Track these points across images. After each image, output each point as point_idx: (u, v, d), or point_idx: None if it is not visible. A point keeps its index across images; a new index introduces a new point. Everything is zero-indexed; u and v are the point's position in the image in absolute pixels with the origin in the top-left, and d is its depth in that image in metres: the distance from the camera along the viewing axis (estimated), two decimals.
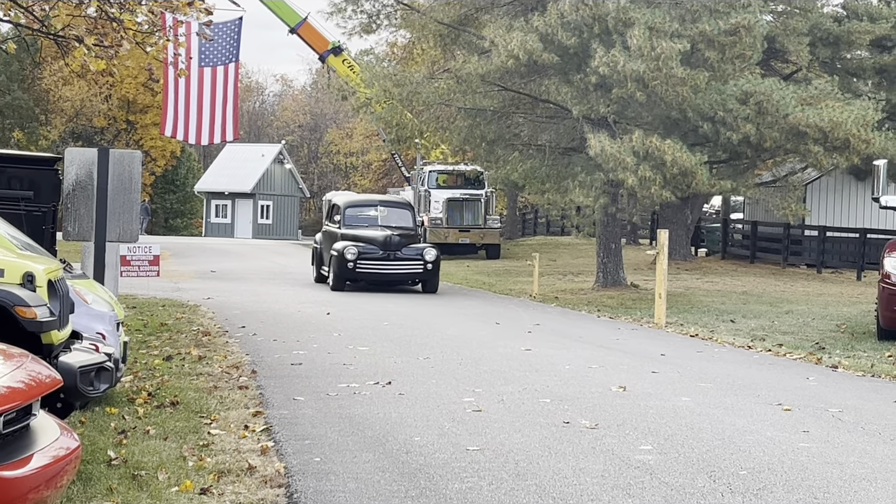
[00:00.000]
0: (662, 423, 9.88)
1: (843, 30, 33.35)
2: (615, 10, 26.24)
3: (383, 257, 22.80)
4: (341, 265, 22.69)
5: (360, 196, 24.91)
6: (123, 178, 15.43)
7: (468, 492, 7.26)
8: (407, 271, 22.96)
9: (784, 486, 7.50)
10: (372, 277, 23.18)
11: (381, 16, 32.57)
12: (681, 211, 35.79)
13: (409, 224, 25.13)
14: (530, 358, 14.58)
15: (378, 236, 23.21)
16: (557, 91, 28.07)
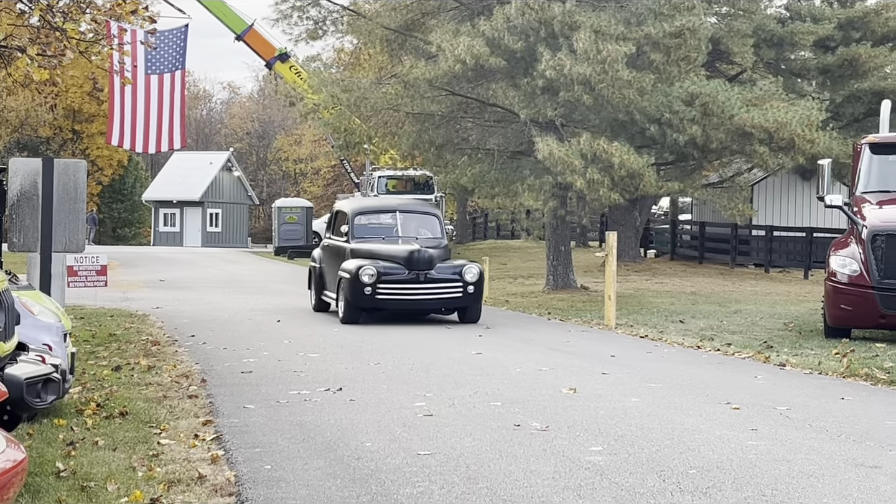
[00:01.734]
0: (612, 423, 9.97)
1: (786, 31, 33.66)
2: (561, 14, 26.32)
3: (410, 279, 17.79)
4: (355, 290, 17.62)
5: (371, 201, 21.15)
6: (69, 187, 15.50)
7: (419, 496, 7.32)
8: (442, 296, 18.05)
9: (733, 484, 7.60)
10: (396, 305, 18.16)
11: (328, 22, 32.66)
12: (629, 213, 35.98)
13: (437, 234, 19.84)
14: (481, 361, 14.71)
15: (401, 251, 18.19)
16: (505, 95, 28.09)
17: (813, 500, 7.18)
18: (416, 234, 19.08)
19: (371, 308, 17.97)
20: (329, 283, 19.85)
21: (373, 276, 17.25)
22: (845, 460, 8.43)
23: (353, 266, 17.77)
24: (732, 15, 32.32)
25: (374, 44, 33.93)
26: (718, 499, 7.25)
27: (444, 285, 17.77)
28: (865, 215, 17.26)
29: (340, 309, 18.29)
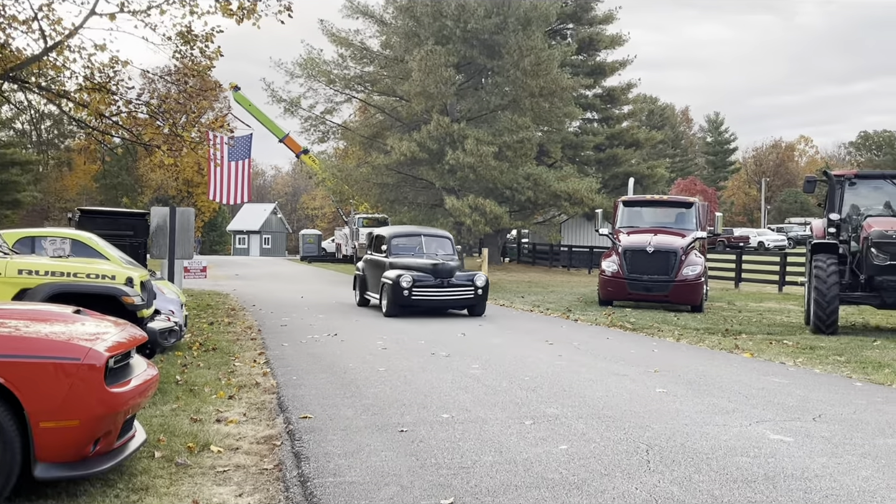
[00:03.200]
0: (485, 352, 10.37)
1: (579, 140, 38.96)
2: (457, 130, 30.71)
3: (437, 284, 15.85)
4: (397, 293, 15.59)
5: (404, 228, 19.08)
6: (184, 223, 16.48)
7: (379, 393, 7.59)
8: (459, 297, 16.07)
9: (548, 384, 7.98)
10: (427, 304, 15.86)
11: (330, 133, 35.96)
12: (495, 237, 37.18)
13: (451, 252, 17.54)
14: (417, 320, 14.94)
15: (429, 264, 16.24)
16: (427, 173, 32.11)
17: (590, 392, 7.52)
18: (437, 252, 17.12)
19: (407, 306, 15.77)
20: (371, 286, 17.65)
21: (410, 283, 15.56)
22: (609, 372, 8.91)
23: (394, 275, 15.76)
24: (550, 131, 36.35)
25: (355, 145, 37.46)
26: (540, 391, 7.61)
27: (461, 289, 15.95)
28: (621, 240, 18.19)
29: (384, 306, 15.97)
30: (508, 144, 31.48)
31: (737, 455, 5.55)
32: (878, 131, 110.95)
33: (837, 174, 14.87)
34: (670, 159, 72.09)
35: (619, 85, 42.42)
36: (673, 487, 4.81)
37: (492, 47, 31.89)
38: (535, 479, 4.95)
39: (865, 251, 13.19)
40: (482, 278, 16.40)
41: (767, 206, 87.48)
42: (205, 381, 8.12)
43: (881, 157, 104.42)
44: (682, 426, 6.44)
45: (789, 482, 4.94)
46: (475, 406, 7.13)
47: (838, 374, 9.35)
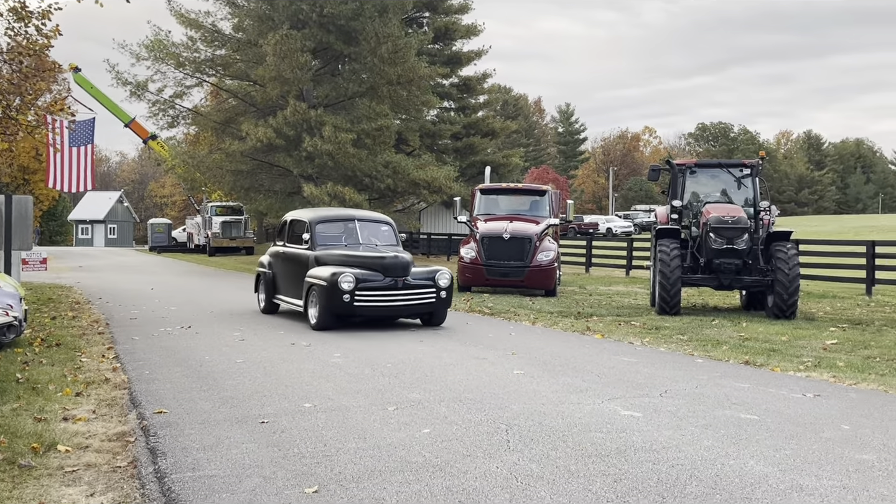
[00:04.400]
0: (345, 341, 10.24)
1: (437, 128, 39.27)
2: (315, 116, 30.46)
3: (388, 285, 11.96)
4: (333, 298, 11.68)
5: (330, 211, 14.84)
6: (21, 212, 15.85)
7: (238, 385, 7.44)
8: (417, 302, 12.19)
9: (410, 370, 8.07)
10: (375, 312, 11.99)
11: (179, 118, 34.75)
12: None
13: (394, 242, 13.54)
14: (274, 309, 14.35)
15: (377, 258, 12.21)
16: (284, 160, 31.69)
17: (451, 376, 7.68)
18: (375, 241, 13.21)
19: (347, 315, 11.85)
20: (285, 287, 13.61)
21: (352, 284, 11.61)
22: (469, 356, 9.08)
23: (327, 273, 11.81)
24: (408, 119, 36.74)
25: (207, 130, 36.19)
26: (402, 377, 7.67)
27: (419, 291, 12.10)
28: (478, 227, 18.44)
29: (312, 315, 12.02)
30: (367, 132, 31.50)
31: (591, 431, 5.80)
32: (714, 123, 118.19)
33: (679, 163, 15.70)
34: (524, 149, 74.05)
35: (475, 75, 43.08)
36: (532, 464, 4.97)
37: (349, 33, 31.70)
38: (399, 464, 5.00)
39: (705, 236, 14.03)
40: (446, 277, 12.33)
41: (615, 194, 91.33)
42: (49, 379, 7.82)
43: (717, 147, 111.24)
44: (540, 406, 6.65)
45: (639, 454, 5.20)
46: (337, 394, 7.11)
47: (681, 352, 9.90)
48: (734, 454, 5.22)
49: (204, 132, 38.20)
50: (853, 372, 8.41)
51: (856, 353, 9.77)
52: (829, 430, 5.89)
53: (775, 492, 4.46)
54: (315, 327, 11.96)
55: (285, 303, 13.71)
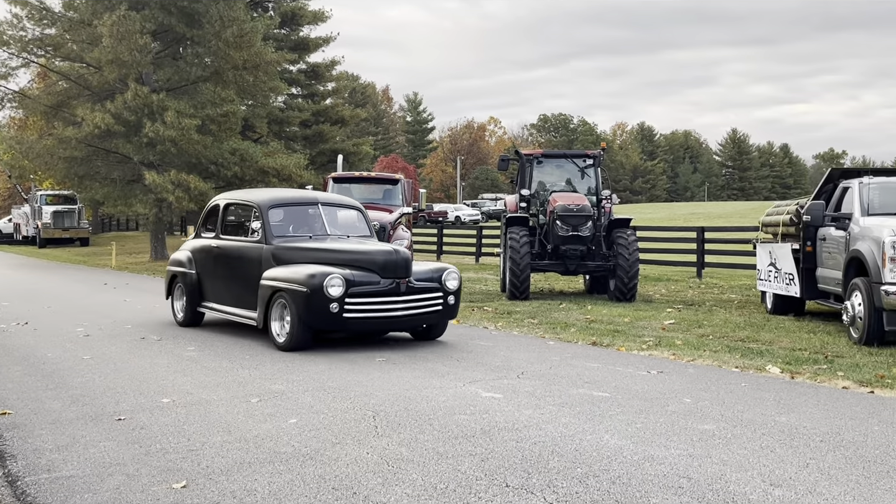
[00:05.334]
0: (201, 335, 9.89)
1: (285, 115, 38.74)
2: (157, 101, 29.07)
3: (389, 290, 9.09)
4: (314, 307, 8.80)
5: (283, 192, 11.84)
6: None
7: (87, 382, 7.16)
8: (423, 311, 9.38)
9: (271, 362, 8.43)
10: (369, 326, 9.22)
11: (5, 101, 32.63)
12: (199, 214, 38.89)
13: (367, 232, 10.75)
14: (119, 302, 14.54)
15: (376, 253, 9.38)
16: (124, 147, 30.15)
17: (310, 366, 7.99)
18: (347, 232, 10.45)
19: (331, 330, 9.19)
20: (218, 293, 10.68)
21: (341, 289, 8.78)
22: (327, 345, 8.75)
23: (305, 274, 8.93)
24: (255, 105, 35.74)
25: (36, 115, 34.00)
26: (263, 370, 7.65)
27: (425, 297, 9.34)
28: None
29: (280, 332, 9.14)
30: (212, 118, 30.67)
31: (455, 413, 5.97)
32: (555, 114, 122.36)
33: (527, 153, 16.28)
34: (373, 137, 74.04)
35: (323, 61, 42.64)
36: (401, 448, 5.07)
37: (191, 16, 30.48)
38: (268, 454, 4.97)
39: (551, 223, 14.63)
40: (455, 276, 9.63)
41: (462, 183, 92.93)
42: None
43: (558, 138, 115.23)
44: (404, 391, 6.77)
45: (503, 434, 5.41)
46: (197, 388, 6.98)
47: (534, 335, 10.31)
48: (591, 430, 5.53)
49: (32, 116, 35.90)
50: (690, 349, 9.04)
51: (691, 332, 10.49)
52: (673, 404, 6.33)
53: (630, 463, 4.77)
54: (284, 346, 8.89)
55: (220, 313, 10.56)
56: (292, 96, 41.83)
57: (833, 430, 5.53)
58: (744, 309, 13.27)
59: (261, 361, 8.25)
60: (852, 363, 8.12)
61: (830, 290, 10.90)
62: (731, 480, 4.45)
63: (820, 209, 10.81)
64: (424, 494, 4.24)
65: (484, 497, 4.18)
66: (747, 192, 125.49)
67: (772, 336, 10.12)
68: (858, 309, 9.37)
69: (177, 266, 11.49)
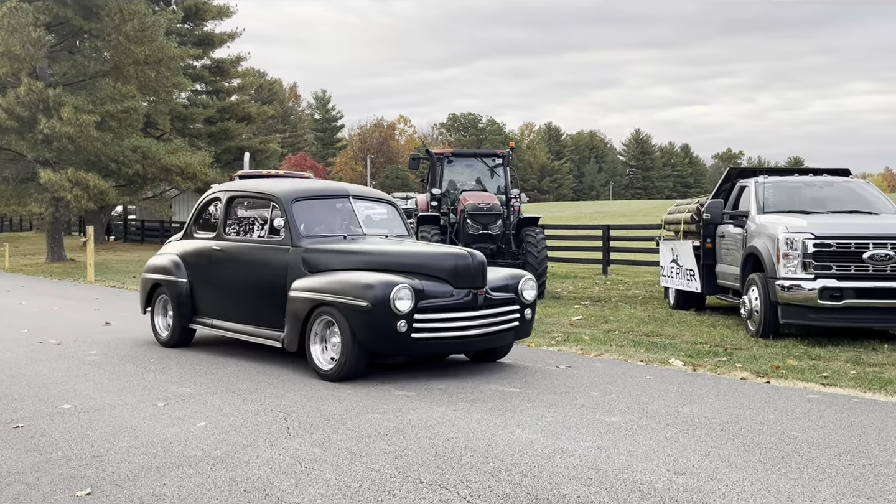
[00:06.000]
0: (103, 336, 9.65)
1: (188, 112, 37.79)
2: (53, 96, 27.98)
3: (465, 303, 7.17)
4: (378, 326, 6.86)
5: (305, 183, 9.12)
6: None
7: None
8: (501, 328, 7.53)
9: (177, 364, 8.05)
10: (443, 348, 7.32)
11: None
12: (99, 214, 36.18)
13: (404, 231, 9.03)
14: (14, 306, 14.27)
15: (444, 256, 7.44)
16: (17, 143, 28.95)
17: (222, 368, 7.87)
18: (383, 230, 8.72)
19: (395, 354, 7.41)
20: (222, 307, 8.72)
21: (409, 302, 7.00)
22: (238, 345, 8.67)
23: (364, 284, 7.07)
24: (158, 102, 35.08)
25: None
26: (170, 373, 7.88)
27: (503, 310, 7.62)
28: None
29: (323, 357, 7.35)
30: (112, 114, 29.69)
31: (368, 413, 5.97)
32: (464, 114, 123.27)
33: (437, 152, 16.37)
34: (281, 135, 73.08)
35: (228, 57, 41.86)
36: (314, 449, 5.05)
37: (89, 8, 29.47)
38: (177, 458, 4.88)
39: (462, 222, 14.77)
40: (532, 286, 7.95)
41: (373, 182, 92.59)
42: None
43: (468, 137, 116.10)
44: (316, 391, 6.74)
45: (416, 431, 5.45)
46: (100, 393, 6.77)
47: None
48: (502, 424, 5.62)
49: None
50: (597, 344, 9.28)
51: (598, 328, 10.77)
52: (581, 398, 6.49)
53: (541, 456, 4.88)
54: (331, 375, 7.09)
55: (221, 331, 8.62)
56: (196, 92, 40.90)
57: (732, 419, 5.78)
58: (648, 304, 13.68)
59: (167, 364, 8.06)
60: (750, 355, 8.48)
61: (729, 286, 11.35)
62: (638, 470, 4.60)
63: (719, 207, 11.24)
64: (338, 494, 4.23)
65: (398, 494, 4.21)
66: (650, 191, 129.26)
67: (674, 330, 10.48)
68: (755, 303, 9.80)
69: (159, 273, 9.38)
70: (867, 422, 5.75)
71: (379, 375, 7.40)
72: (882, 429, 5.55)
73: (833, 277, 9.10)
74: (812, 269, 9.15)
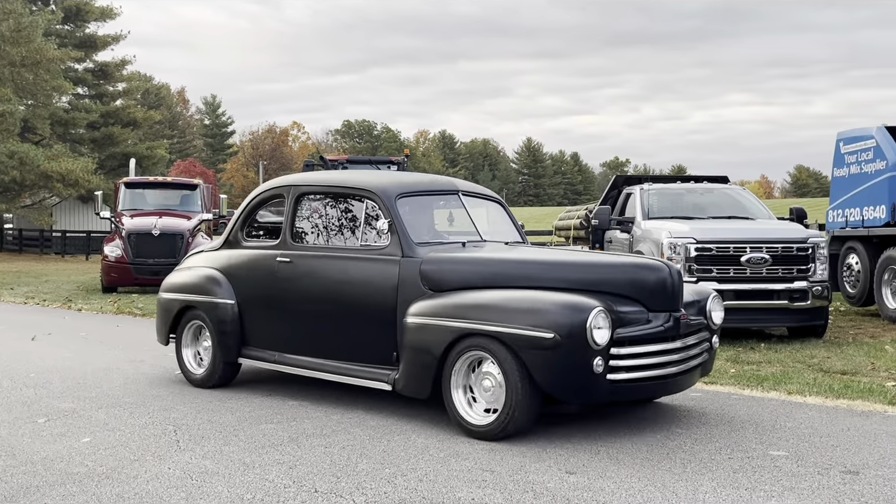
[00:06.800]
0: None
1: (70, 116, 36.54)
2: None
3: (665, 330, 5.28)
4: (567, 366, 4.94)
5: (405, 176, 7.07)
6: None
7: None
8: (697, 363, 5.65)
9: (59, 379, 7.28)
10: (642, 392, 5.43)
11: None
12: None
13: (518, 236, 6.91)
14: None
15: (634, 268, 5.48)
16: None
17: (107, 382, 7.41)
18: (499, 235, 6.74)
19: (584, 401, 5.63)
20: (280, 336, 6.69)
21: (607, 331, 5.06)
22: (125, 359, 8.39)
23: (543, 307, 5.12)
24: (36, 105, 33.69)
25: None
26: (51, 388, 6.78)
27: (699, 339, 5.76)
28: (124, 223, 17.76)
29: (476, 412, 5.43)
30: None
31: (262, 423, 5.88)
32: (359, 120, 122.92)
33: (332, 159, 16.31)
34: (169, 140, 70.99)
35: (112, 60, 40.65)
36: (206, 461, 4.94)
37: None
38: (59, 476, 4.68)
39: None
40: (720, 305, 6.12)
41: None
42: None
43: (363, 144, 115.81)
44: (207, 403, 6.59)
45: (311, 440, 5.39)
46: None
47: None
48: (398, 430, 5.62)
49: None
50: None
51: None
52: None
53: (436, 460, 4.93)
54: (491, 432, 5.30)
55: (296, 370, 6.59)
56: (78, 96, 39.76)
57: (621, 419, 5.96)
58: None
59: (48, 379, 7.70)
60: None
61: None
62: (531, 471, 4.70)
63: (606, 214, 11.60)
64: None
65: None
66: (542, 199, 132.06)
67: None
68: None
69: (191, 293, 7.30)
70: (745, 417, 6.05)
71: (272, 384, 7.29)
72: (758, 423, 5.85)
73: (714, 280, 9.51)
74: (694, 273, 9.55)
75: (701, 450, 5.14)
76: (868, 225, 12.72)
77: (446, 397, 5.50)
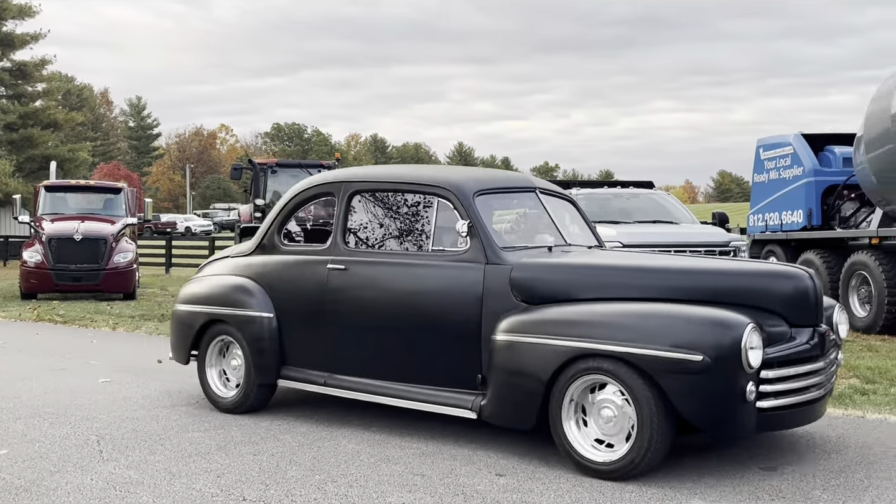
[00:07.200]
0: None
1: None
2: None
3: (811, 348, 4.61)
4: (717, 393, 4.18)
5: (480, 171, 6.06)
6: None
7: None
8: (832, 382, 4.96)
9: None
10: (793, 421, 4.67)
11: None
12: None
13: (595, 241, 6.19)
14: None
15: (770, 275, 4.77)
16: None
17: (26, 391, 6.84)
18: (576, 238, 5.99)
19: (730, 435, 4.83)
20: (325, 353, 5.79)
21: (759, 352, 4.27)
22: (45, 368, 8.31)
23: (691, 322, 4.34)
24: None
25: None
26: None
27: (836, 356, 5.10)
28: (44, 227, 17.21)
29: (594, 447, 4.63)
30: None
31: (189, 431, 5.79)
32: (288, 123, 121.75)
33: (261, 162, 16.16)
34: (92, 143, 69.16)
35: (31, 60, 39.34)
36: (130, 471, 4.84)
37: None
38: None
39: None
40: (845, 319, 5.31)
41: (193, 192, 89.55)
42: None
43: (293, 147, 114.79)
44: (132, 412, 6.44)
45: (240, 448, 5.34)
46: None
47: None
48: (328, 436, 5.59)
49: None
50: None
51: None
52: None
53: (367, 465, 4.93)
54: (613, 470, 4.56)
55: (352, 393, 5.73)
56: None
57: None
58: None
59: None
60: None
61: None
62: (461, 474, 4.73)
63: None
64: None
65: None
66: None
67: None
68: None
69: (218, 305, 6.37)
70: None
71: (199, 393, 7.16)
72: None
73: None
74: None
75: None
76: (786, 229, 13.17)
77: (556, 430, 4.72)
